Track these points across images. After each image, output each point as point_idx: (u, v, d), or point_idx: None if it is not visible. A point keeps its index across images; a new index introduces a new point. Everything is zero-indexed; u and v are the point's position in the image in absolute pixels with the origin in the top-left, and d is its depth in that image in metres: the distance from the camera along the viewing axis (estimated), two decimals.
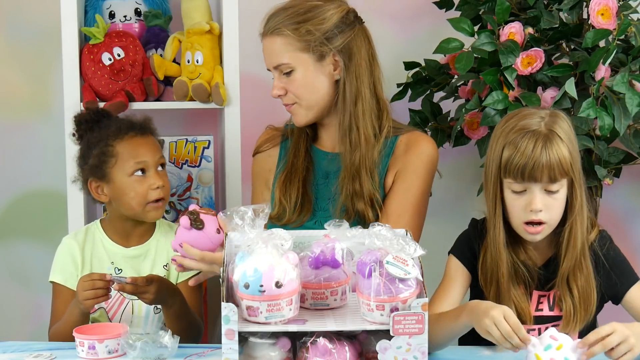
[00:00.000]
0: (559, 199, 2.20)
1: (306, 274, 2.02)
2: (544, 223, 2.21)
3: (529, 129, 2.20)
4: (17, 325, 3.24)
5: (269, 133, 2.65)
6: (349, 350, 1.98)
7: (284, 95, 2.47)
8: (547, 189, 2.19)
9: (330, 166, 2.53)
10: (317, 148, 2.56)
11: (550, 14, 2.79)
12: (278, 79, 2.47)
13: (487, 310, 2.02)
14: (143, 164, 2.47)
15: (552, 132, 2.18)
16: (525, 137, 2.18)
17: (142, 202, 2.47)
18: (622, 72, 2.63)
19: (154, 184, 2.47)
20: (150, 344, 2.12)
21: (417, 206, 2.49)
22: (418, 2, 3.14)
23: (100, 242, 2.53)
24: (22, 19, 3.14)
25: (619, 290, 2.29)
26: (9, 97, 3.18)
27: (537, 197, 2.19)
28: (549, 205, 2.20)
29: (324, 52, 2.44)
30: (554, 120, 2.21)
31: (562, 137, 2.18)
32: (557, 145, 2.17)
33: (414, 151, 2.50)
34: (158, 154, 2.51)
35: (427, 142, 2.52)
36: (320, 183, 2.52)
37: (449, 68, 2.94)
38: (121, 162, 2.47)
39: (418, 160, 2.49)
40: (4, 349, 2.23)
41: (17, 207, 3.22)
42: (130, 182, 2.47)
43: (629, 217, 3.27)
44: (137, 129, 2.50)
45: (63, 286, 2.49)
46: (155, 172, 2.48)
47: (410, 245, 1.95)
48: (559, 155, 2.16)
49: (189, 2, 2.87)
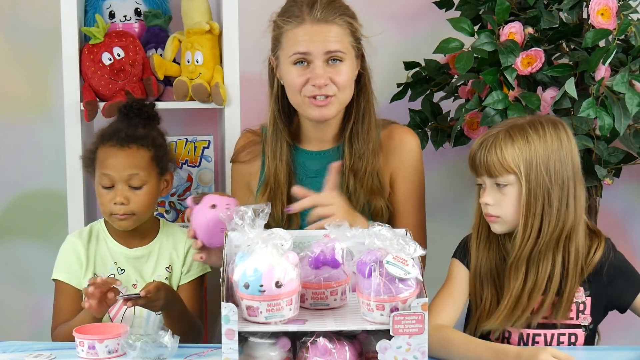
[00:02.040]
0: (508, 195, 2.22)
1: (306, 274, 2.02)
2: (498, 217, 2.24)
3: (495, 127, 2.27)
4: (17, 325, 3.24)
5: (247, 138, 2.60)
6: (349, 350, 1.98)
7: (327, 85, 2.42)
8: (497, 183, 2.23)
9: (319, 164, 2.50)
10: (302, 148, 2.54)
11: (550, 14, 2.79)
12: (322, 67, 2.41)
13: (535, 356, 2.03)
14: (108, 178, 2.44)
15: (508, 130, 2.22)
16: (482, 135, 2.27)
17: (106, 212, 2.47)
18: (622, 72, 2.63)
19: (114, 199, 2.44)
20: (150, 344, 2.12)
21: (423, 202, 2.56)
22: (418, 2, 3.14)
23: (103, 241, 2.53)
24: (22, 19, 3.14)
25: (626, 297, 2.29)
26: (9, 97, 3.18)
27: (486, 191, 2.26)
28: (498, 199, 2.24)
29: (359, 51, 2.47)
30: (533, 124, 2.24)
31: (517, 137, 2.21)
32: (502, 142, 2.21)
33: (404, 149, 2.53)
34: (130, 170, 2.44)
35: (410, 135, 2.55)
36: (309, 183, 2.48)
37: (449, 68, 2.94)
38: (97, 166, 2.47)
39: (411, 158, 2.53)
40: (4, 349, 2.23)
41: (17, 207, 3.22)
42: (99, 188, 2.47)
43: (629, 217, 3.27)
44: (116, 138, 2.45)
45: (66, 284, 2.49)
46: (121, 187, 2.44)
47: (410, 245, 1.95)
48: (499, 152, 2.21)
49: (189, 2, 2.87)
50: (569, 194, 2.22)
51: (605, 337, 2.55)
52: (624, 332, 2.86)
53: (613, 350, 2.27)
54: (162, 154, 2.51)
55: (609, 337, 2.67)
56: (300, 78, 2.41)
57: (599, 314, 2.31)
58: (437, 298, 2.30)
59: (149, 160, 2.47)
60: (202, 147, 2.94)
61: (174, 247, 2.53)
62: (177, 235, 2.55)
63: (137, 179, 2.45)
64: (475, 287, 2.30)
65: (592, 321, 2.29)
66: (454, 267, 2.34)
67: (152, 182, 2.47)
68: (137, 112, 2.53)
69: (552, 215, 2.21)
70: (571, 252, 2.24)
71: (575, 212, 2.23)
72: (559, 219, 2.22)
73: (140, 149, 2.46)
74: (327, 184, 2.36)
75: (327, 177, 2.36)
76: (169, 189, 2.57)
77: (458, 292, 2.31)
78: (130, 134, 2.46)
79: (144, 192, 2.46)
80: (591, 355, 2.24)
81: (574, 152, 2.25)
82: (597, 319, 2.31)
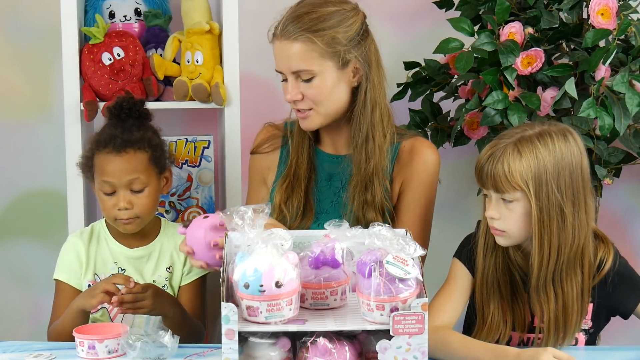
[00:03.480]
0: (515, 211, 2.17)
1: (306, 274, 2.02)
2: (503, 231, 2.20)
3: (504, 137, 2.20)
4: (17, 325, 3.24)
5: (269, 131, 2.59)
6: (349, 350, 1.98)
7: (301, 100, 2.40)
8: (503, 198, 2.18)
9: (333, 168, 2.50)
10: (320, 150, 2.53)
11: (550, 14, 2.79)
12: (294, 83, 2.38)
13: (535, 356, 2.03)
14: (109, 184, 2.43)
15: (516, 144, 2.16)
16: (491, 144, 2.20)
17: (110, 217, 2.46)
18: (622, 72, 2.63)
19: (118, 205, 2.43)
20: (150, 343, 2.12)
21: (427, 217, 2.49)
22: (418, 2, 3.14)
23: (104, 241, 2.53)
24: (22, 19, 3.14)
25: (630, 304, 2.28)
26: (9, 97, 3.18)
27: (492, 205, 2.20)
28: (504, 214, 2.19)
29: (348, 59, 2.38)
30: (543, 137, 2.18)
31: (526, 152, 2.15)
32: (510, 158, 2.15)
33: (420, 160, 2.47)
34: (131, 175, 2.42)
35: (430, 150, 2.49)
36: (323, 185, 2.50)
37: (449, 68, 2.94)
38: (96, 173, 2.46)
39: (424, 171, 2.47)
40: (4, 349, 2.23)
41: (17, 207, 3.22)
42: (100, 194, 2.46)
43: (629, 217, 3.27)
44: (113, 144, 2.43)
45: (66, 284, 2.49)
46: (124, 193, 2.42)
47: (410, 245, 1.95)
48: (507, 168, 2.15)
49: (189, 2, 2.87)
50: (580, 207, 2.18)
51: (605, 338, 2.55)
52: (624, 333, 2.86)
53: (613, 350, 2.27)
54: (159, 154, 2.51)
55: (609, 338, 2.67)
56: (285, 93, 2.41)
57: (600, 319, 2.30)
58: (436, 299, 2.29)
59: (147, 162, 2.46)
60: (202, 147, 2.94)
61: (175, 247, 2.52)
62: (178, 236, 2.54)
63: (138, 182, 2.44)
64: (482, 297, 2.27)
65: (592, 325, 2.29)
66: (455, 267, 2.33)
67: (152, 183, 2.47)
68: (128, 112, 2.51)
69: (568, 232, 2.16)
70: (585, 267, 2.21)
71: (588, 224, 2.19)
72: (574, 234, 2.17)
73: (138, 153, 2.45)
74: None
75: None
76: (169, 186, 2.57)
77: (458, 293, 2.29)
78: (126, 139, 2.44)
79: (145, 194, 2.45)
80: (592, 356, 2.24)
81: (583, 162, 2.19)
82: (598, 325, 2.31)
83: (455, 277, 2.31)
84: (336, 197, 2.49)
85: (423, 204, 2.47)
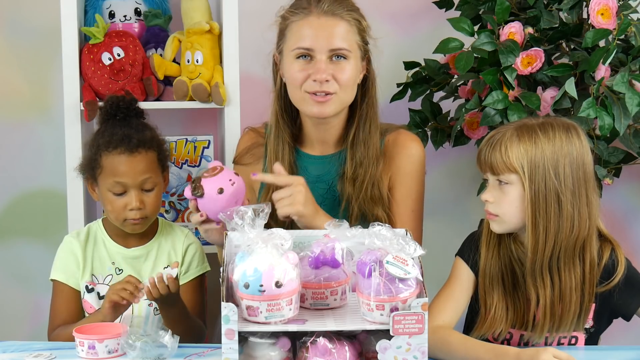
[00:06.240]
0: (509, 195, 2.19)
1: (306, 274, 2.02)
2: (496, 215, 2.22)
3: (508, 125, 2.25)
4: (17, 325, 3.24)
5: (251, 138, 2.57)
6: (349, 350, 1.98)
7: (328, 82, 2.37)
8: (499, 180, 2.20)
9: (319, 169, 2.49)
10: (304, 152, 2.52)
11: (550, 14, 2.80)
12: (325, 62, 2.36)
13: (535, 356, 2.03)
14: (122, 185, 2.42)
15: (517, 130, 2.20)
16: (494, 130, 2.24)
17: (119, 218, 2.45)
18: (622, 72, 2.63)
19: (130, 205, 2.42)
20: (150, 343, 2.12)
21: (418, 210, 2.50)
22: (418, 2, 3.15)
23: (101, 241, 2.53)
24: (22, 19, 3.14)
25: (632, 306, 2.28)
26: (9, 97, 3.18)
27: (488, 188, 2.24)
28: (498, 197, 2.21)
29: (366, 52, 2.43)
30: (544, 126, 2.20)
31: (525, 137, 2.17)
32: (509, 141, 2.18)
33: (405, 153, 2.48)
34: (144, 175, 2.42)
35: (414, 142, 2.50)
36: (310, 188, 2.47)
37: (449, 68, 2.94)
38: (104, 174, 2.44)
39: (410, 164, 2.48)
40: (4, 348, 2.23)
41: (17, 207, 3.22)
42: (109, 195, 2.44)
43: (629, 217, 3.27)
44: (126, 145, 2.42)
45: (64, 284, 2.48)
46: (136, 193, 2.42)
47: (410, 245, 1.95)
48: (504, 150, 2.18)
49: (189, 2, 2.87)
50: (581, 200, 2.18)
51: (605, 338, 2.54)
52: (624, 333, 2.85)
53: (613, 350, 2.27)
54: (163, 153, 2.52)
55: (609, 338, 2.66)
56: (302, 73, 2.37)
57: (602, 320, 2.30)
58: (437, 298, 2.29)
59: (156, 162, 2.48)
60: (202, 147, 2.94)
61: (173, 246, 2.52)
62: (176, 235, 2.54)
63: (149, 182, 2.44)
64: (485, 288, 2.27)
65: (593, 325, 2.29)
66: (457, 266, 2.33)
67: (159, 182, 2.48)
68: (125, 112, 2.50)
69: (565, 220, 2.16)
70: (586, 262, 2.21)
71: (589, 220, 2.19)
72: (573, 224, 2.17)
73: (149, 152, 2.45)
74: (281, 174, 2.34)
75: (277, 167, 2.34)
76: (167, 184, 2.57)
77: (459, 293, 2.29)
78: (140, 138, 2.44)
79: (154, 193, 2.46)
80: (591, 355, 2.24)
81: (586, 158, 2.20)
82: (600, 326, 2.30)
83: (457, 276, 2.31)
84: (325, 198, 2.48)
85: (415, 197, 2.49)
